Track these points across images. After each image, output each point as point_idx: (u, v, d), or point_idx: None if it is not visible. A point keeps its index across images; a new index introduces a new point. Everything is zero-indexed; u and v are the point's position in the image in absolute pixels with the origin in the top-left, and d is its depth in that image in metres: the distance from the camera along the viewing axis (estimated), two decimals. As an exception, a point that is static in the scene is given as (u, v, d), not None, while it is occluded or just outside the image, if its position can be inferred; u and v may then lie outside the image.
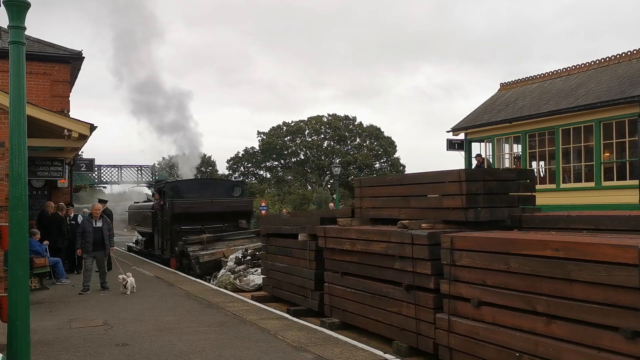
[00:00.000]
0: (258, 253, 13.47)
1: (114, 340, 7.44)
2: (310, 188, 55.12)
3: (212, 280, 14.32)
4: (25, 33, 5.05)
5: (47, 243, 13.53)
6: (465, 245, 5.86)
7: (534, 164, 17.94)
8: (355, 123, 60.53)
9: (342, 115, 60.33)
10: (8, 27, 4.96)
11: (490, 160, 18.63)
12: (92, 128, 12.63)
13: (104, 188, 45.71)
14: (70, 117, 14.01)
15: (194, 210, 17.40)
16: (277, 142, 58.23)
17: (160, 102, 29.34)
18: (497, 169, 13.56)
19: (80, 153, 22.26)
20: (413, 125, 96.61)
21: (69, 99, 18.28)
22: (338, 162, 52.75)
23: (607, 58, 17.22)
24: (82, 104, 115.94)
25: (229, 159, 60.78)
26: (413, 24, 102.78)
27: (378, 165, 59.64)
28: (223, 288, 12.54)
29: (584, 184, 15.54)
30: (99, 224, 11.91)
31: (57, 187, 16.80)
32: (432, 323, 6.45)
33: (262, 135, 59.70)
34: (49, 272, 12.91)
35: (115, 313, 9.40)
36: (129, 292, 11.40)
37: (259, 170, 61.56)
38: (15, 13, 4.89)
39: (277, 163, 60.61)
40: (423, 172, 8.17)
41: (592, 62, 17.68)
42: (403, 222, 7.12)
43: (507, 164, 18.51)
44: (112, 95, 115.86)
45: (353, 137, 60.39)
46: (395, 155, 60.52)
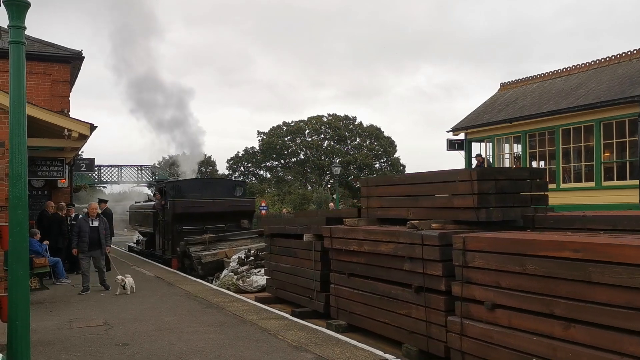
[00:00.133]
0: (261, 253, 13.34)
1: (114, 340, 7.43)
2: (310, 188, 55.11)
3: (214, 281, 14.15)
4: (25, 33, 5.08)
5: (47, 243, 13.53)
6: (478, 246, 5.70)
7: (534, 164, 17.89)
8: (355, 123, 60.52)
9: (342, 115, 60.38)
10: (8, 26, 5.00)
11: (491, 160, 18.64)
12: (92, 128, 12.61)
13: (104, 188, 45.67)
14: (70, 117, 14.00)
15: (196, 210, 17.24)
16: (277, 142, 58.22)
17: (162, 99, 29.17)
18: (509, 168, 13.34)
19: (80, 153, 22.22)
20: (413, 125, 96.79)
21: (69, 99, 18.28)
22: (338, 162, 52.76)
23: (607, 58, 17.23)
24: (82, 104, 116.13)
25: (229, 159, 60.93)
26: (413, 24, 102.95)
27: (378, 165, 59.66)
28: (226, 289, 12.37)
29: (584, 184, 15.51)
30: (95, 223, 11.85)
31: (57, 187, 16.79)
32: (443, 326, 6.30)
33: (262, 135, 59.73)
34: (49, 272, 12.90)
35: (116, 313, 9.39)
36: (129, 292, 11.32)
37: (259, 170, 61.59)
38: (15, 13, 4.93)
39: (277, 163, 60.61)
40: (432, 171, 8.01)
41: (592, 62, 17.69)
42: (413, 222, 6.97)
43: (507, 164, 18.45)
44: (112, 95, 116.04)
45: (353, 137, 60.39)
46: (396, 155, 60.54)
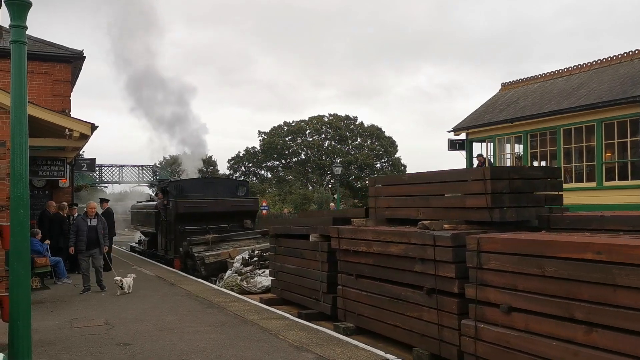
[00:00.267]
0: (265, 254, 13.24)
1: (115, 340, 7.43)
2: (311, 188, 55.03)
3: (218, 282, 14.05)
4: (27, 32, 5.07)
5: (48, 243, 13.53)
6: (494, 247, 5.52)
7: (535, 164, 17.76)
8: (356, 123, 60.38)
9: (343, 115, 60.31)
10: (9, 26, 4.99)
11: (492, 160, 18.63)
12: (93, 128, 12.58)
13: (105, 188, 45.55)
14: (72, 116, 13.97)
15: (199, 210, 17.11)
16: (278, 141, 58.14)
17: (165, 96, 28.84)
18: (523, 167, 13.13)
19: (82, 153, 22.15)
20: (413, 125, 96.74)
21: (70, 99, 18.26)
22: (339, 162, 52.67)
23: (608, 58, 17.18)
24: (83, 104, 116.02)
25: (230, 159, 60.86)
26: (413, 24, 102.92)
27: (379, 165, 59.53)
28: (230, 290, 12.26)
29: (586, 184, 15.42)
30: (94, 223, 11.78)
31: (58, 186, 16.80)
32: (456, 329, 6.13)
33: (263, 135, 59.67)
34: (50, 271, 12.90)
35: (116, 313, 9.38)
36: (127, 291, 11.23)
37: (260, 170, 61.53)
38: (17, 12, 4.94)
39: (278, 163, 60.55)
40: (442, 170, 7.86)
41: (593, 62, 17.63)
42: (424, 222, 6.80)
43: (508, 164, 18.31)
44: (112, 95, 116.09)
45: (354, 137, 60.30)
46: (396, 155, 60.37)
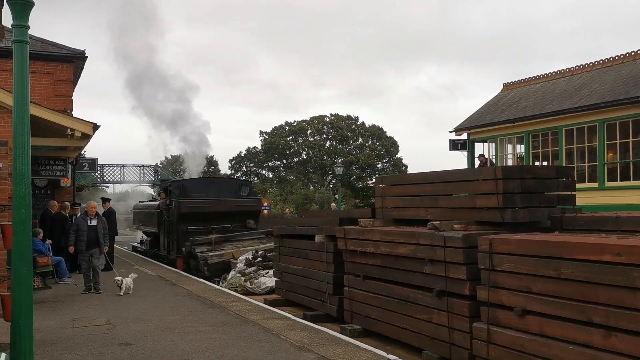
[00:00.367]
0: (269, 254, 13.17)
1: (117, 340, 7.44)
2: (313, 188, 54.97)
3: (221, 283, 13.99)
4: (28, 32, 5.06)
5: (50, 242, 13.49)
6: (507, 249, 5.41)
7: (537, 165, 17.67)
8: (358, 123, 60.32)
9: (344, 115, 60.26)
10: (12, 25, 4.96)
11: (493, 161, 18.60)
12: (95, 127, 12.57)
13: (107, 187, 45.56)
14: (73, 116, 13.98)
15: (201, 210, 17.04)
16: (279, 141, 58.12)
17: (166, 94, 28.60)
18: (535, 166, 13.01)
19: (83, 152, 22.08)
20: (414, 125, 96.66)
21: (72, 99, 18.22)
22: (340, 162, 52.54)
23: (610, 58, 17.13)
24: (84, 103, 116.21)
25: (232, 159, 60.83)
26: (414, 24, 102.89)
27: (380, 166, 59.46)
28: (233, 291, 12.19)
29: (588, 185, 15.33)
30: (94, 223, 11.72)
31: (60, 186, 16.76)
32: (467, 332, 6.01)
33: (264, 135, 59.66)
34: (52, 271, 12.90)
35: (118, 312, 9.39)
36: (123, 292, 11.13)
37: (261, 170, 61.50)
38: (19, 12, 4.93)
39: (279, 163, 60.53)
40: (452, 169, 7.78)
41: (595, 62, 17.57)
42: (434, 223, 6.70)
43: (509, 165, 18.24)
44: (113, 95, 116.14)
45: (355, 137, 60.25)
46: (398, 155, 60.27)
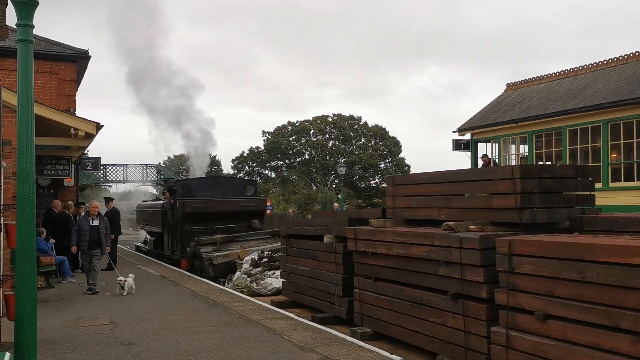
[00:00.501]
0: (275, 255, 12.94)
1: (120, 339, 7.42)
2: (315, 188, 55.03)
3: (227, 283, 13.73)
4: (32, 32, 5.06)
5: (53, 242, 13.51)
6: (527, 251, 5.18)
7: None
8: (360, 123, 60.37)
9: (347, 115, 60.19)
10: (17, 24, 4.96)
11: (497, 161, 18.50)
12: (98, 127, 12.58)
13: (109, 187, 45.73)
14: (77, 116, 13.98)
15: (206, 210, 16.78)
16: (282, 141, 58.16)
17: (170, 92, 28.53)
18: (554, 165, 12.54)
19: (86, 152, 22.21)
20: (417, 125, 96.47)
21: (75, 98, 18.27)
22: (343, 162, 52.62)
23: (614, 58, 17.06)
24: (87, 103, 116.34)
25: (234, 159, 60.84)
26: (418, 24, 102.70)
27: (383, 166, 59.48)
28: (239, 292, 12.00)
29: (591, 185, 15.39)
30: (96, 223, 11.62)
31: (63, 185, 16.75)
32: (484, 337, 5.78)
33: (267, 135, 59.67)
34: (55, 270, 12.91)
35: (121, 312, 9.38)
36: (126, 292, 11.11)
37: (264, 170, 61.53)
38: (24, 11, 4.91)
39: (282, 163, 60.55)
40: (466, 169, 7.49)
41: (599, 62, 17.50)
42: (449, 223, 6.45)
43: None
44: (116, 94, 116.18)
45: (358, 137, 60.18)
46: (400, 156, 60.34)
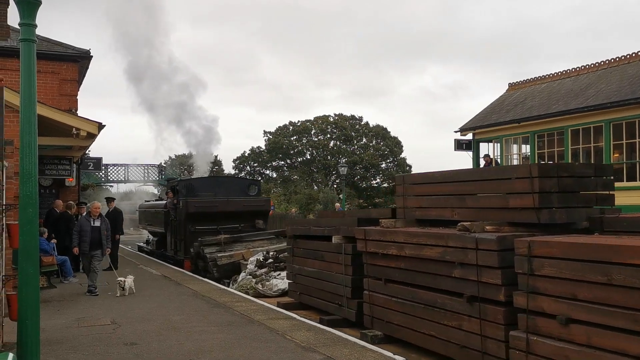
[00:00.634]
0: (281, 255, 12.83)
1: (122, 340, 7.42)
2: (317, 188, 55.03)
3: (231, 284, 13.64)
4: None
5: (55, 242, 13.52)
6: (548, 252, 5.02)
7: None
8: (362, 123, 60.39)
9: (348, 115, 60.21)
10: (19, 24, 4.96)
11: (499, 161, 18.53)
12: (100, 127, 12.61)
13: (111, 187, 45.78)
14: (79, 115, 14.00)
15: (210, 210, 16.64)
16: (283, 141, 58.17)
17: (172, 90, 28.44)
18: (572, 164, 12.18)
19: (88, 152, 22.24)
20: (418, 125, 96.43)
21: (77, 98, 18.27)
22: (344, 162, 52.63)
23: (617, 58, 17.09)
24: (89, 103, 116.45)
25: (235, 159, 60.84)
26: (418, 24, 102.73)
27: (384, 165, 59.49)
28: (244, 293, 11.92)
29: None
30: (97, 223, 11.55)
31: (64, 185, 16.76)
32: (502, 341, 5.62)
33: (268, 135, 59.70)
34: (57, 270, 12.91)
35: (123, 312, 9.39)
36: (127, 293, 11.09)
37: (265, 170, 61.55)
38: (27, 10, 4.91)
39: (283, 163, 60.56)
40: (481, 168, 7.51)
41: (601, 62, 17.54)
42: (464, 224, 6.28)
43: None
44: (117, 94, 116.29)
45: (359, 137, 60.19)
46: (402, 155, 60.34)
